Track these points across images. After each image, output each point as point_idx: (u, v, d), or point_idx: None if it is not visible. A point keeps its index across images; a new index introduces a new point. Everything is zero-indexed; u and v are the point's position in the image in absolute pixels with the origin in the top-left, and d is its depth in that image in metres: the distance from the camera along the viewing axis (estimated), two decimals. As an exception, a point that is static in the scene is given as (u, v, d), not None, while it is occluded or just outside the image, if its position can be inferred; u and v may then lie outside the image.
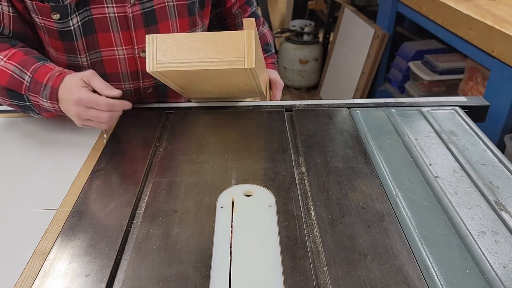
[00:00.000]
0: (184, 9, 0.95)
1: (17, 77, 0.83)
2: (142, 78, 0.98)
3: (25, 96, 0.84)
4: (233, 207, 0.69)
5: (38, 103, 0.84)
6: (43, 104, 0.83)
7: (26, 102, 0.84)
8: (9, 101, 0.86)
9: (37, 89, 0.82)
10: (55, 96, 0.81)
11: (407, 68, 2.29)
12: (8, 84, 0.83)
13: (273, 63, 1.21)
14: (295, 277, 0.57)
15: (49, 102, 0.82)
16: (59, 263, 0.60)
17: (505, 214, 0.68)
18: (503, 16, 1.57)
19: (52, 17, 0.85)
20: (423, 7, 1.97)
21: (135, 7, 0.89)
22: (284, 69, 3.22)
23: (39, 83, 0.82)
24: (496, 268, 0.59)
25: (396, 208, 0.69)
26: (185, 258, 0.60)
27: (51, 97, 0.82)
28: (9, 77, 0.83)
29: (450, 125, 0.93)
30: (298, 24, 3.25)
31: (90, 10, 0.87)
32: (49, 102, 0.82)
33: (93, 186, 0.75)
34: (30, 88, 0.83)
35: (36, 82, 0.82)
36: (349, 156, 0.82)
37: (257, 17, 1.19)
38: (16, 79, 0.83)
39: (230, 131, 0.91)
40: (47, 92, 0.82)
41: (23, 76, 0.83)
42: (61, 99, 0.82)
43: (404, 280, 0.56)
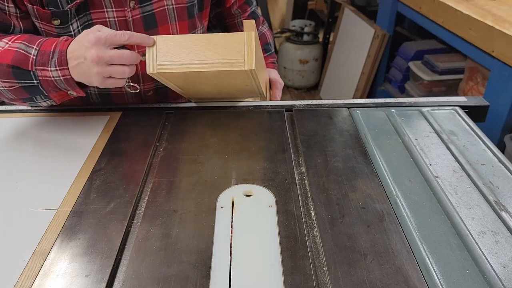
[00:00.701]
0: (184, 12, 0.95)
1: (23, 52, 0.78)
2: (142, 81, 0.98)
3: (31, 72, 0.78)
4: (233, 207, 0.69)
5: (46, 77, 0.78)
6: (52, 76, 0.77)
7: (33, 80, 0.79)
8: (15, 83, 0.80)
9: (44, 59, 0.77)
10: (64, 59, 0.76)
11: (407, 68, 2.29)
12: (13, 61, 0.78)
13: (273, 62, 1.21)
14: (295, 277, 0.57)
15: (58, 69, 0.77)
16: (59, 263, 0.60)
17: (505, 214, 0.68)
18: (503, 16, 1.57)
19: (52, 23, 0.85)
20: (423, 7, 1.97)
21: (134, 11, 0.89)
22: (284, 69, 3.22)
23: (46, 52, 0.77)
24: (496, 268, 0.59)
25: (396, 208, 0.69)
26: (185, 258, 0.60)
27: (59, 62, 0.76)
28: (15, 53, 0.78)
29: (450, 125, 0.93)
30: (298, 24, 3.26)
31: (90, 15, 0.87)
32: (58, 70, 0.77)
33: (93, 186, 0.75)
34: (37, 61, 0.77)
35: (43, 53, 0.77)
36: (349, 156, 0.82)
37: (257, 16, 1.19)
38: (22, 54, 0.78)
39: (230, 131, 0.91)
40: (55, 59, 0.76)
41: (29, 51, 0.78)
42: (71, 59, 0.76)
43: (404, 280, 0.56)
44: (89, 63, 0.74)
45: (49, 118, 0.95)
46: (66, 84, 0.79)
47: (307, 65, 3.17)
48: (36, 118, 0.96)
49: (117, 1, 0.87)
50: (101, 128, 0.91)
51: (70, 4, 0.84)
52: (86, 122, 0.94)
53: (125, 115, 0.95)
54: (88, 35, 0.75)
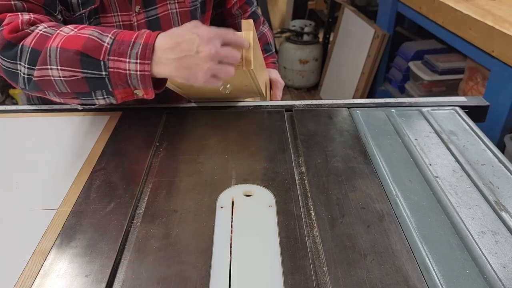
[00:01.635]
0: (187, 16, 0.96)
1: (95, 39, 0.70)
2: None
3: (102, 62, 0.70)
4: (233, 207, 0.69)
5: (119, 69, 0.70)
6: (128, 69, 0.70)
7: (101, 71, 0.70)
8: (80, 73, 0.71)
9: (122, 49, 0.69)
10: (149, 53, 0.69)
11: (407, 68, 2.30)
12: (84, 47, 0.70)
13: (274, 62, 1.21)
14: (295, 277, 0.57)
15: (138, 62, 0.69)
16: (59, 263, 0.60)
17: (505, 214, 0.68)
18: (503, 16, 1.57)
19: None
20: (423, 7, 1.97)
21: (139, 15, 0.90)
22: (284, 69, 3.22)
23: (124, 42, 0.70)
24: (496, 268, 0.59)
25: (396, 208, 0.69)
26: (185, 258, 0.60)
27: (143, 54, 0.69)
28: (86, 40, 0.70)
29: (450, 125, 0.93)
30: (298, 24, 3.26)
31: (99, 19, 0.87)
32: (138, 63, 0.69)
33: (93, 186, 0.75)
34: (111, 50, 0.70)
35: (120, 43, 0.70)
36: (349, 156, 0.82)
37: (257, 16, 1.19)
38: (94, 41, 0.70)
39: (230, 131, 0.91)
40: (136, 50, 0.69)
41: (103, 39, 0.71)
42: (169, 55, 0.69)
43: (404, 280, 0.56)
44: (202, 57, 0.68)
45: (49, 118, 0.95)
46: (140, 81, 0.71)
47: (307, 65, 3.17)
48: (36, 118, 0.96)
49: (123, 5, 0.88)
50: (101, 128, 0.91)
51: (83, 10, 0.84)
52: (86, 122, 0.94)
53: (125, 115, 0.95)
54: (196, 29, 0.69)
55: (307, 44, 3.14)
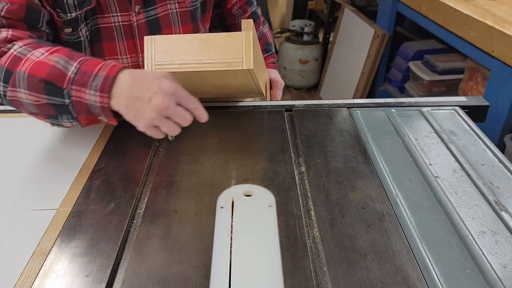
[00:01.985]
0: (187, 16, 0.96)
1: (60, 68, 0.71)
2: None
3: (65, 91, 0.71)
4: (233, 207, 0.69)
5: (80, 99, 0.71)
6: (88, 99, 0.70)
7: (64, 99, 0.72)
8: (44, 98, 0.73)
9: (84, 80, 0.70)
10: (108, 86, 0.69)
11: (407, 68, 2.29)
12: (48, 75, 0.71)
13: (274, 62, 1.21)
14: (295, 277, 0.57)
15: (98, 94, 0.70)
16: (59, 263, 0.60)
17: (505, 214, 0.68)
18: (503, 16, 1.57)
19: (64, 31, 0.85)
20: (423, 7, 1.97)
21: (139, 15, 0.90)
22: (284, 69, 3.22)
23: (87, 73, 0.70)
24: (496, 268, 0.59)
25: (396, 208, 0.69)
26: (185, 258, 0.60)
27: (102, 87, 0.69)
28: (51, 68, 0.71)
29: (450, 125, 0.93)
30: (298, 24, 3.26)
31: (96, 20, 0.87)
32: (97, 95, 0.70)
33: (93, 186, 0.75)
34: (74, 80, 0.70)
35: (83, 73, 0.70)
36: (349, 156, 0.82)
37: (258, 16, 1.19)
38: (58, 69, 0.71)
39: (230, 131, 0.91)
40: (97, 83, 0.69)
41: (67, 67, 0.71)
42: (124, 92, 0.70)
43: (404, 280, 0.56)
44: (151, 106, 0.68)
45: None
46: (101, 111, 0.72)
47: (307, 65, 3.17)
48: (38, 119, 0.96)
49: (122, 5, 0.88)
50: (101, 128, 0.91)
51: (79, 11, 0.84)
52: (86, 122, 0.94)
53: (125, 115, 0.95)
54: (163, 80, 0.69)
55: (307, 44, 3.14)
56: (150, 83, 0.69)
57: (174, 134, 0.73)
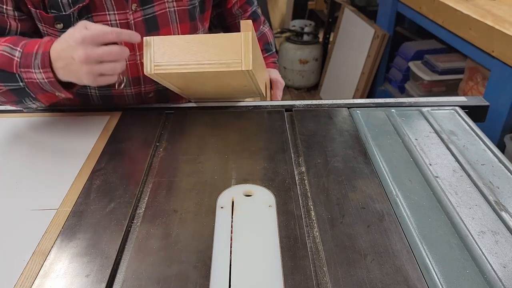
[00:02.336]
0: (185, 14, 0.96)
1: (7, 55, 0.77)
2: (143, 83, 0.99)
3: (17, 75, 0.76)
4: (233, 207, 0.69)
5: (31, 79, 0.76)
6: (37, 78, 0.76)
7: (19, 82, 0.77)
8: (2, 86, 0.79)
9: (28, 62, 0.75)
10: (47, 60, 0.74)
11: (407, 68, 2.29)
12: None
13: (274, 62, 1.21)
14: (295, 277, 0.57)
15: (42, 71, 0.75)
16: (59, 263, 0.60)
17: (505, 214, 0.68)
18: (503, 16, 1.57)
19: (55, 27, 0.85)
20: (423, 7, 1.97)
21: (136, 13, 0.89)
22: (284, 69, 3.22)
23: (29, 54, 0.75)
24: (496, 268, 0.59)
25: (396, 208, 0.69)
26: (185, 258, 0.60)
27: (43, 63, 0.74)
28: (0, 56, 0.77)
29: (450, 125, 0.93)
30: (298, 24, 3.26)
31: (92, 18, 0.87)
32: (42, 72, 0.75)
33: (93, 186, 0.75)
34: (21, 63, 0.76)
35: (26, 55, 0.75)
36: (349, 156, 0.82)
37: (258, 16, 1.19)
38: (6, 56, 0.77)
39: (230, 131, 0.91)
40: (38, 61, 0.74)
41: (13, 53, 0.76)
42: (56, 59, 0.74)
43: (404, 280, 0.56)
44: (78, 63, 0.72)
45: (49, 118, 0.95)
46: (51, 86, 0.77)
47: (307, 65, 3.17)
48: (36, 118, 0.96)
49: (119, 3, 0.87)
50: (101, 128, 0.91)
51: (72, 8, 0.84)
52: (86, 122, 0.94)
53: (125, 115, 0.95)
54: (74, 34, 0.72)
55: (307, 44, 3.14)
56: (68, 42, 0.73)
57: (117, 72, 0.76)
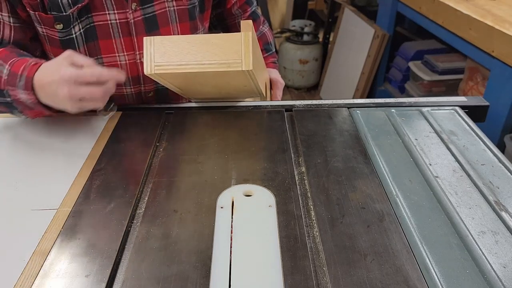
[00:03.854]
0: (185, 14, 0.96)
1: None
2: (143, 83, 0.99)
3: (4, 91, 0.80)
4: (233, 207, 0.69)
5: (17, 97, 0.79)
6: (21, 97, 0.79)
7: (6, 97, 0.80)
8: None
9: (13, 81, 0.78)
10: (29, 85, 0.77)
11: (407, 68, 2.29)
12: None
13: (274, 62, 1.21)
14: (295, 277, 0.57)
15: (25, 93, 0.78)
16: (59, 263, 0.60)
17: (505, 214, 0.68)
18: (503, 16, 1.57)
19: (55, 27, 0.86)
20: (423, 7, 1.97)
21: (136, 13, 0.89)
22: (284, 69, 3.22)
23: (15, 74, 0.78)
24: (496, 268, 0.59)
25: (396, 208, 0.69)
26: (185, 258, 0.60)
27: (26, 86, 0.77)
28: None
29: (450, 125, 0.93)
30: (298, 24, 3.26)
31: (91, 18, 0.87)
32: (25, 94, 0.78)
33: (93, 186, 0.75)
34: (8, 81, 0.79)
35: (12, 74, 0.78)
36: (349, 156, 0.82)
37: (257, 16, 1.19)
38: None
39: (230, 131, 0.91)
40: (22, 83, 0.77)
41: (2, 70, 0.79)
42: (39, 88, 0.77)
43: (404, 280, 0.56)
44: (61, 98, 0.75)
45: (49, 118, 0.95)
46: (34, 106, 0.80)
47: (307, 65, 3.17)
48: (37, 118, 0.96)
49: (118, 3, 0.87)
50: (101, 128, 0.91)
51: (72, 8, 0.84)
52: (86, 122, 0.94)
53: (125, 115, 0.95)
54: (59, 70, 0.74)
55: (307, 44, 3.14)
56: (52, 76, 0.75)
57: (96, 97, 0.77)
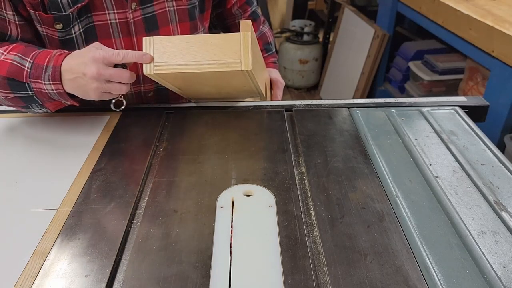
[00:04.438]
0: (185, 14, 0.96)
1: (17, 65, 0.80)
2: (143, 82, 0.99)
3: (26, 84, 0.80)
4: (233, 207, 0.69)
5: (40, 89, 0.80)
6: (46, 89, 0.80)
7: (28, 91, 0.81)
8: (11, 93, 0.82)
9: (38, 73, 0.79)
10: (58, 74, 0.78)
11: (407, 68, 2.29)
12: (8, 73, 0.80)
13: (274, 62, 1.21)
14: (295, 277, 0.57)
15: (51, 83, 0.79)
16: (59, 263, 0.60)
17: (505, 214, 0.68)
18: (503, 16, 1.57)
19: (55, 27, 0.86)
20: (423, 7, 1.97)
21: (136, 12, 0.89)
22: (284, 69, 3.22)
23: (40, 66, 0.79)
24: (496, 268, 0.59)
25: (396, 208, 0.69)
26: (185, 258, 0.60)
27: (53, 76, 0.78)
28: (9, 66, 0.80)
29: (450, 125, 0.93)
30: (298, 24, 3.26)
31: (91, 17, 0.87)
32: (51, 84, 0.79)
33: (93, 186, 0.75)
34: (31, 73, 0.79)
35: (37, 66, 0.79)
36: (349, 156, 0.82)
37: (258, 16, 1.19)
38: (16, 66, 0.80)
39: (230, 131, 0.91)
40: (49, 73, 0.79)
41: (23, 63, 0.80)
42: (66, 71, 0.78)
43: (404, 280, 0.56)
44: (88, 79, 0.77)
45: (49, 118, 0.95)
46: (59, 96, 0.82)
47: (307, 65, 3.17)
48: (37, 118, 0.96)
49: (118, 2, 0.87)
50: (101, 128, 0.91)
51: (72, 8, 0.84)
52: (86, 122, 0.94)
53: (125, 115, 0.95)
54: (88, 53, 0.77)
55: (307, 44, 3.14)
56: (81, 60, 0.77)
57: (122, 93, 0.82)
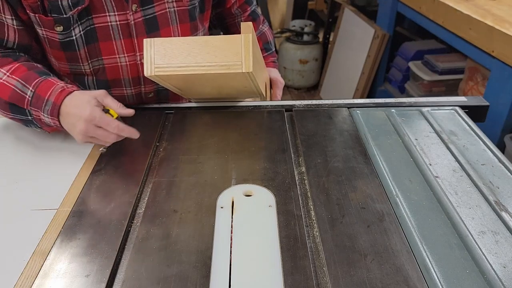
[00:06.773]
0: (185, 15, 0.96)
1: (19, 92, 0.82)
2: (143, 84, 0.99)
3: (27, 110, 0.83)
4: (233, 207, 0.69)
5: (39, 117, 0.83)
6: (44, 119, 0.83)
7: (28, 116, 0.84)
8: (11, 115, 0.86)
9: (38, 104, 0.81)
10: (56, 112, 0.81)
11: (407, 68, 2.29)
12: (10, 98, 0.83)
13: (274, 61, 1.21)
14: (295, 277, 0.57)
15: (49, 117, 0.81)
16: (59, 263, 0.60)
17: (505, 214, 0.68)
18: (503, 16, 1.57)
19: (55, 29, 0.86)
20: (423, 7, 1.97)
21: (136, 14, 0.89)
22: (284, 69, 3.22)
23: (41, 98, 0.81)
24: (496, 268, 0.59)
25: (396, 208, 0.69)
26: (185, 258, 0.60)
27: (52, 112, 0.81)
28: (12, 91, 0.82)
29: (450, 125, 0.93)
30: (298, 24, 3.25)
31: (92, 20, 0.87)
32: (49, 118, 0.81)
33: (93, 186, 0.75)
34: (32, 103, 0.82)
35: (38, 97, 0.82)
36: (349, 156, 0.82)
37: (257, 16, 1.19)
38: (18, 93, 0.82)
39: (230, 131, 0.91)
40: (48, 108, 0.81)
41: (25, 91, 0.82)
42: (64, 115, 0.81)
43: (404, 280, 0.56)
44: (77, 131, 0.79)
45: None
46: (56, 127, 0.84)
47: (307, 65, 3.17)
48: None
49: (119, 4, 0.87)
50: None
51: (72, 11, 0.84)
52: (86, 122, 0.94)
53: (125, 115, 0.95)
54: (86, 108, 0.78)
55: (307, 44, 3.14)
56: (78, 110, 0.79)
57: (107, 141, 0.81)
